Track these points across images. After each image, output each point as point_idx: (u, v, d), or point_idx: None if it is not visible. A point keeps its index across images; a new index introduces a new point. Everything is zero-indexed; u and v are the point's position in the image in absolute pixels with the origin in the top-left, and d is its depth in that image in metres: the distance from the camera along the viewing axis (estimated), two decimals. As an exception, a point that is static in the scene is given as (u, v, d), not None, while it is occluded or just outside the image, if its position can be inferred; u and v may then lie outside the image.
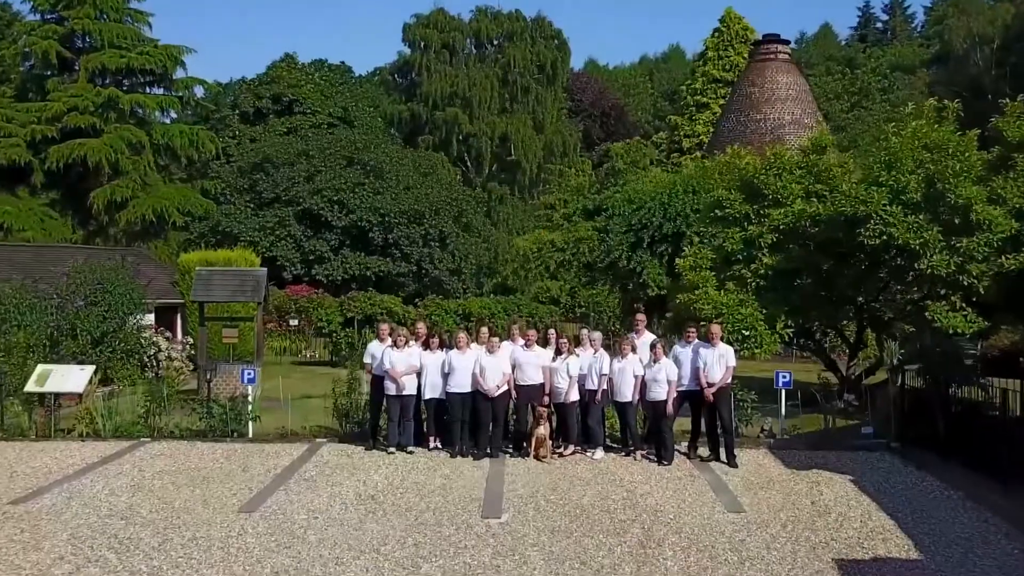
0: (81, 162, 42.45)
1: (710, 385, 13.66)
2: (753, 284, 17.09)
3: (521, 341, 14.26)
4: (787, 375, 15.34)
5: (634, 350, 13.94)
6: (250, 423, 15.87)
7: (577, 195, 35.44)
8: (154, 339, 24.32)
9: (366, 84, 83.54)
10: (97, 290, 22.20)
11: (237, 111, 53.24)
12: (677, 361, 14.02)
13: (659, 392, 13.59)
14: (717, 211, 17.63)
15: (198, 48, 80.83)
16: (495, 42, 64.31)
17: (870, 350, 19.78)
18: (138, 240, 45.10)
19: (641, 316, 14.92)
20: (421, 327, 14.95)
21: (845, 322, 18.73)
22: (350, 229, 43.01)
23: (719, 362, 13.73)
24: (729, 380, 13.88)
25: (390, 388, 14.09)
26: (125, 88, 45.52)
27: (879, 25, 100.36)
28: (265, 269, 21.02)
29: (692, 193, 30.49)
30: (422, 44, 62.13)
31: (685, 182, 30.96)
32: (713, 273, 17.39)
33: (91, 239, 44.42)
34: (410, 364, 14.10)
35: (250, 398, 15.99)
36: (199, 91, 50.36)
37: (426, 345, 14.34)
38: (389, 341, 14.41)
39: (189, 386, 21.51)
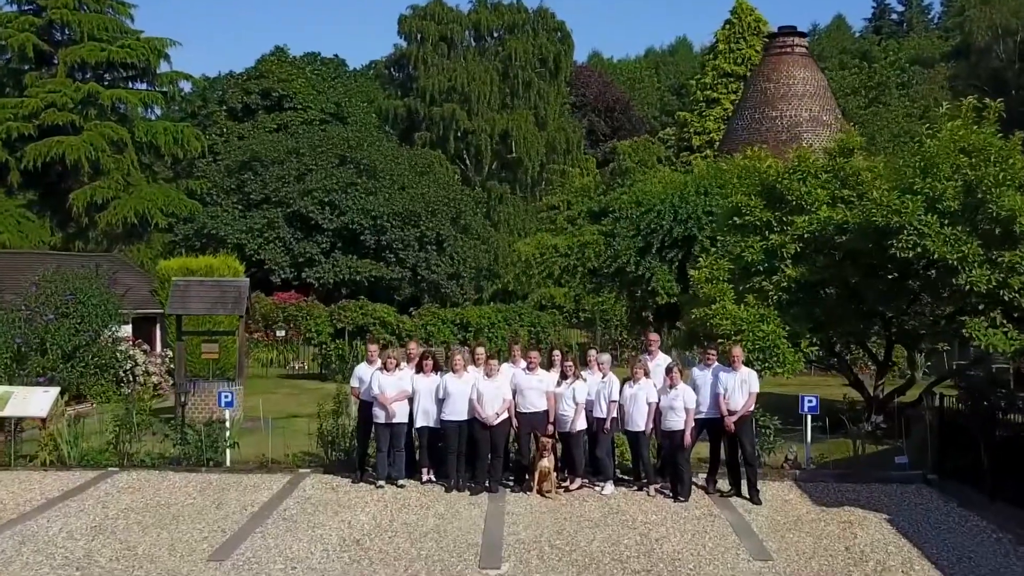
0: (60, 161, 41.66)
1: (731, 413, 12.83)
2: (775, 298, 16.27)
3: (523, 363, 13.43)
4: (813, 400, 14.49)
5: (647, 374, 13.10)
6: (227, 451, 15.02)
7: (582, 197, 34.64)
8: (131, 352, 23.53)
9: (360, 78, 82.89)
10: (69, 301, 21.40)
11: (224, 107, 52.45)
12: (695, 386, 13.19)
13: (676, 421, 12.75)
14: (735, 218, 16.80)
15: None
16: (495, 34, 63.54)
17: (899, 367, 18.95)
18: (120, 243, 44.33)
19: (654, 336, 14.07)
20: (413, 347, 14.11)
21: (873, 338, 17.88)
22: (341, 231, 42.32)
23: (741, 388, 12.89)
24: (752, 408, 13.04)
25: (379, 416, 13.26)
26: (106, 83, 44.73)
27: (894, 16, 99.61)
28: (247, 279, 20.18)
29: (704, 195, 29.81)
30: (419, 36, 61.32)
31: (697, 183, 30.24)
32: (731, 286, 16.54)
33: (70, 242, 43.63)
34: (401, 389, 13.27)
35: (227, 423, 15.13)
36: (186, 86, 49.71)
37: (419, 368, 13.50)
38: (378, 363, 13.58)
39: (167, 403, 20.70)
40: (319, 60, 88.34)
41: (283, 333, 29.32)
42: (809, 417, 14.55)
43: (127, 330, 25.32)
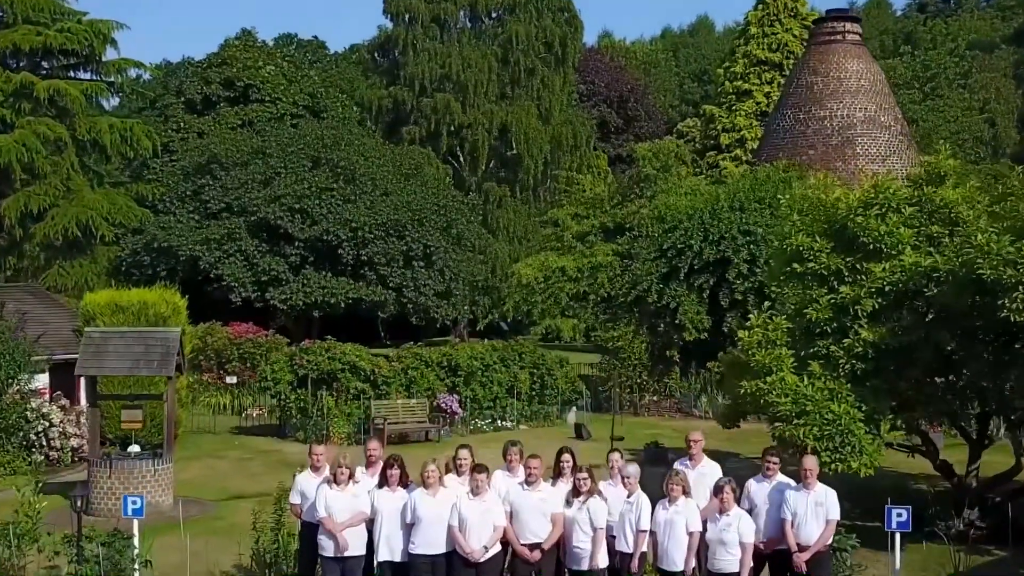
0: (-14, 164, 39.30)
1: (802, 548, 10.35)
2: (847, 367, 13.82)
3: (520, 473, 10.94)
4: (903, 513, 11.98)
5: (687, 492, 10.59)
6: (135, 573, 12.54)
7: (593, 209, 32.26)
8: (45, 410, 21.13)
9: (343, 62, 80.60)
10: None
11: (182, 99, 50.01)
12: (751, 503, 10.75)
13: (727, 561, 10.25)
14: (796, 265, 14.35)
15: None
16: (494, 15, 61.12)
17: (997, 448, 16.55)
18: (59, 258, 41.99)
19: (697, 436, 11.55)
20: (374, 447, 11.60)
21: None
22: (314, 244, 40.05)
23: (815, 513, 10.44)
24: (830, 540, 10.58)
25: (326, 547, 10.77)
26: (43, 73, 42.43)
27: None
28: (178, 331, 17.75)
29: (739, 211, 27.50)
30: (407, 17, 58.92)
31: (731, 196, 27.86)
32: (791, 351, 14.07)
33: (2, 259, 41.34)
34: (356, 510, 10.78)
35: (135, 540, 12.64)
36: (144, 75, 47.33)
37: (382, 478, 10.99)
38: (327, 471, 11.10)
39: (80, 475, 18.35)
40: (295, 42, 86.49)
41: (234, 380, 26.93)
42: (899, 535, 12.08)
43: (43, 380, 22.92)
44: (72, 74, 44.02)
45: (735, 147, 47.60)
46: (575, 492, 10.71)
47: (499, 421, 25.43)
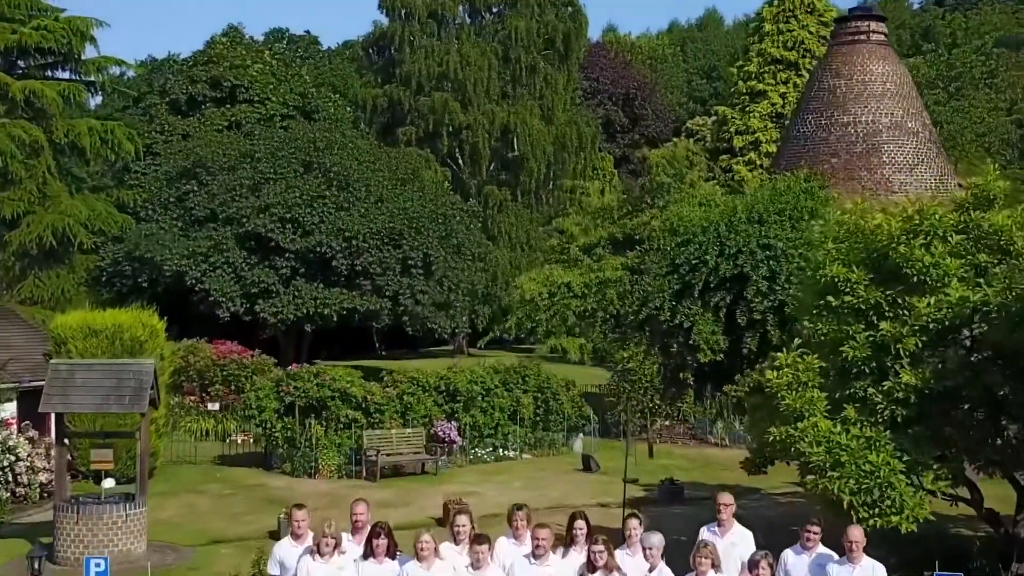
0: (-42, 169, 38.39)
1: (847, 632, 9.45)
2: (886, 412, 12.89)
3: (527, 541, 10.04)
4: None
5: (716, 566, 9.68)
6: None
7: (601, 219, 31.31)
8: (11, 443, 20.21)
9: (336, 59, 79.71)
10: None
11: (166, 99, 49.07)
12: (788, 578, 9.85)
13: (762, 648, 9.34)
14: (830, 298, 13.39)
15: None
16: (494, 10, 60.17)
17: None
18: (35, 267, 41.05)
19: (727, 500, 10.61)
20: (360, 511, 10.66)
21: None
22: (306, 255, 39.12)
23: (862, 592, 9.52)
24: (878, 622, 9.67)
25: (308, 628, 9.85)
26: (18, 73, 41.41)
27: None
28: (151, 363, 16.83)
29: (758, 223, 26.60)
30: (403, 12, 57.96)
31: (749, 207, 26.96)
32: (824, 393, 13.16)
33: (-25, 268, 40.44)
34: (342, 586, 9.87)
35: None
36: (129, 73, 46.36)
37: (368, 548, 10.09)
38: (309, 539, 10.21)
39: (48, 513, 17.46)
40: (287, 38, 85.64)
41: (216, 407, 26.04)
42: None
43: (10, 410, 22.01)
44: (50, 73, 43.09)
45: (749, 150, 46.59)
46: (590, 567, 9.78)
47: (501, 450, 24.52)
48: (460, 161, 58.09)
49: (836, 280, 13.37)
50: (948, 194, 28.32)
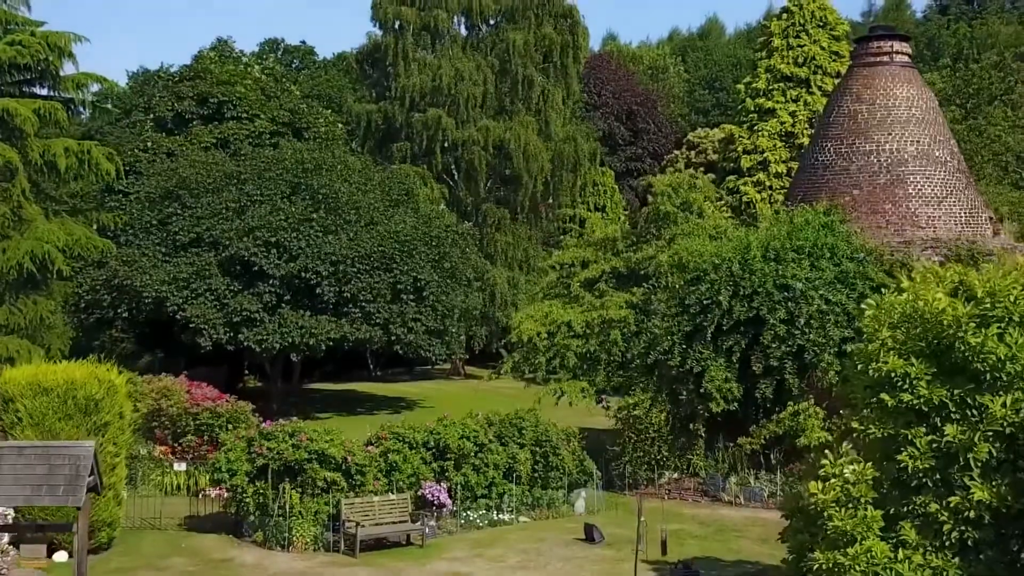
0: (-73, 193, 36.08)
1: None
2: (954, 534, 10.57)
3: None
4: None
5: None
6: None
7: (604, 251, 28.99)
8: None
9: (331, 70, 77.50)
10: None
11: (151, 116, 46.76)
12: None
13: None
14: (885, 396, 11.06)
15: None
16: (490, 23, 57.71)
17: None
18: (11, 295, 38.71)
19: None
20: None
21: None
22: (292, 280, 36.96)
23: None
24: None
25: None
26: (-8, 91, 39.09)
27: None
28: (91, 445, 14.46)
29: (775, 261, 24.34)
30: (396, 24, 55.60)
31: (764, 244, 24.70)
32: (879, 511, 10.83)
33: (-54, 297, 38.07)
34: None
35: None
36: (120, 83, 44.03)
37: None
38: None
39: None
40: (282, 48, 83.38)
41: (183, 467, 23.70)
42: None
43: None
44: (26, 90, 40.79)
45: (757, 171, 44.29)
46: None
47: (495, 512, 22.17)
48: (455, 179, 55.93)
49: (892, 374, 11.03)
50: (979, 228, 26.23)
